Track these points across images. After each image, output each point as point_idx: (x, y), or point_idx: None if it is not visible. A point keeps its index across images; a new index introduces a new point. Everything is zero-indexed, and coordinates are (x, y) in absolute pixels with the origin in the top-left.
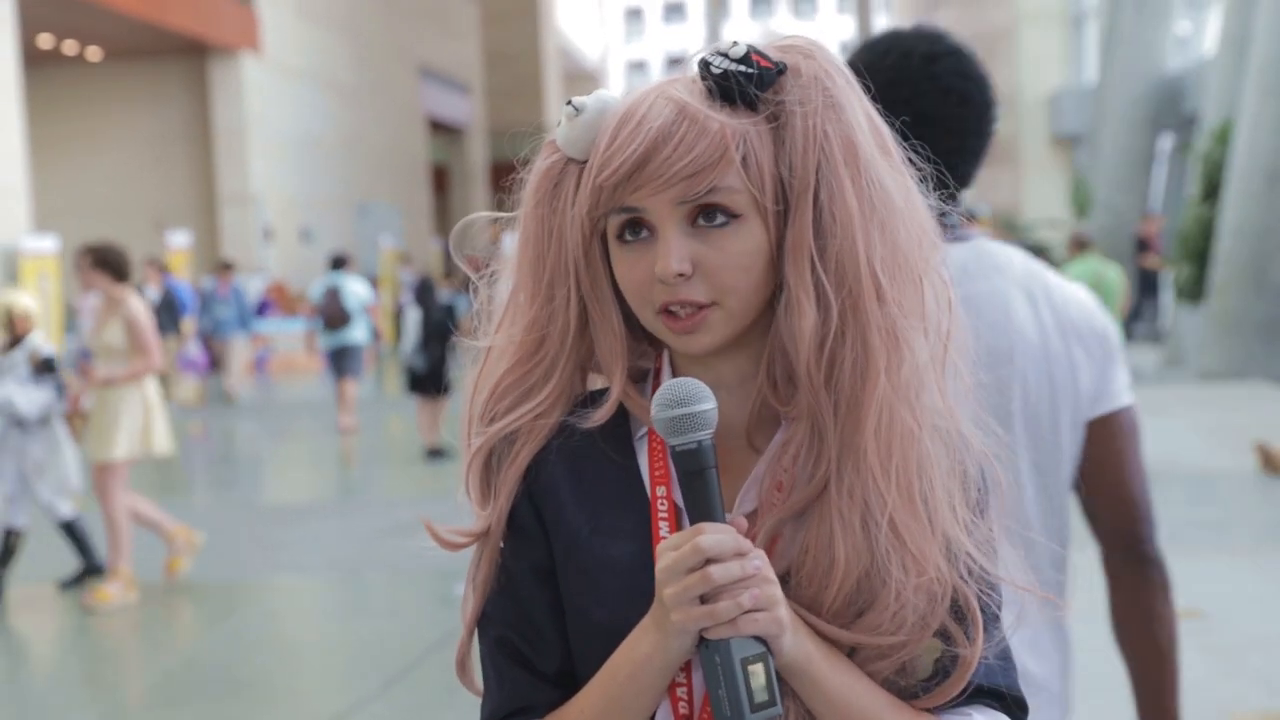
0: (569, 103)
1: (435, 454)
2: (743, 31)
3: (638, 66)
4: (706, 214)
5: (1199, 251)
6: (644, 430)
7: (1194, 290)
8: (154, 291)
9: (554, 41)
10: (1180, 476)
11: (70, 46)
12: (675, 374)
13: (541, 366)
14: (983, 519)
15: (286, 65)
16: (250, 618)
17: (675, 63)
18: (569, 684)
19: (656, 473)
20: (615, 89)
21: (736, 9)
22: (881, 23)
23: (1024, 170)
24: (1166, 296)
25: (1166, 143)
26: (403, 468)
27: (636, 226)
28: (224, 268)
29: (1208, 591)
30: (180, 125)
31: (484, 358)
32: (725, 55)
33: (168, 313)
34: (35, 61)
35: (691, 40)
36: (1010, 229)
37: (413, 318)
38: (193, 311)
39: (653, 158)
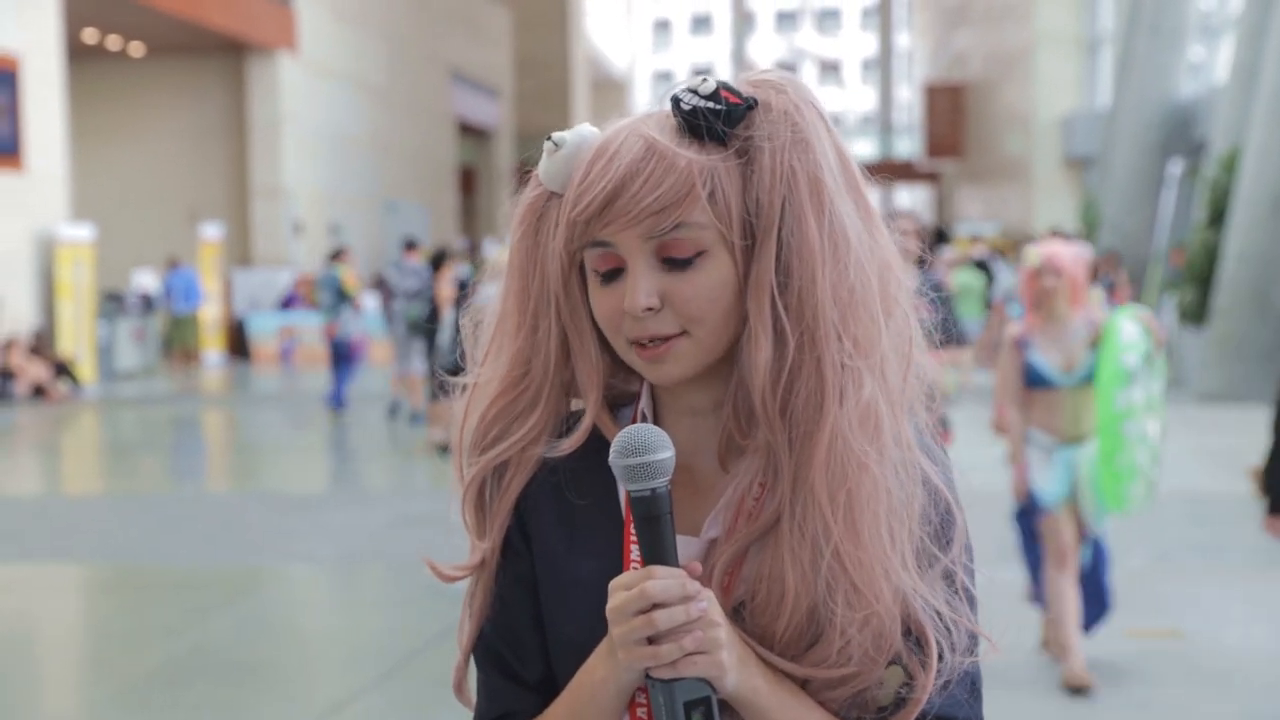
0: (549, 138)
1: (447, 449)
2: (767, 49)
3: (664, 77)
4: (674, 249)
5: (1203, 275)
6: None
7: (1196, 313)
8: None
9: (583, 50)
10: (1175, 497)
11: (114, 41)
12: (654, 399)
13: (528, 395)
14: (943, 553)
15: (322, 65)
16: (256, 605)
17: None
18: (551, 691)
19: None
20: (642, 99)
21: (762, 24)
22: (903, 40)
23: (1035, 189)
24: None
25: (1176, 168)
26: (414, 460)
27: (609, 260)
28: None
29: (1195, 613)
30: (217, 120)
31: (472, 385)
32: (695, 92)
33: None
34: (79, 55)
35: (717, 52)
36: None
37: (449, 318)
38: (195, 302)
39: (621, 194)
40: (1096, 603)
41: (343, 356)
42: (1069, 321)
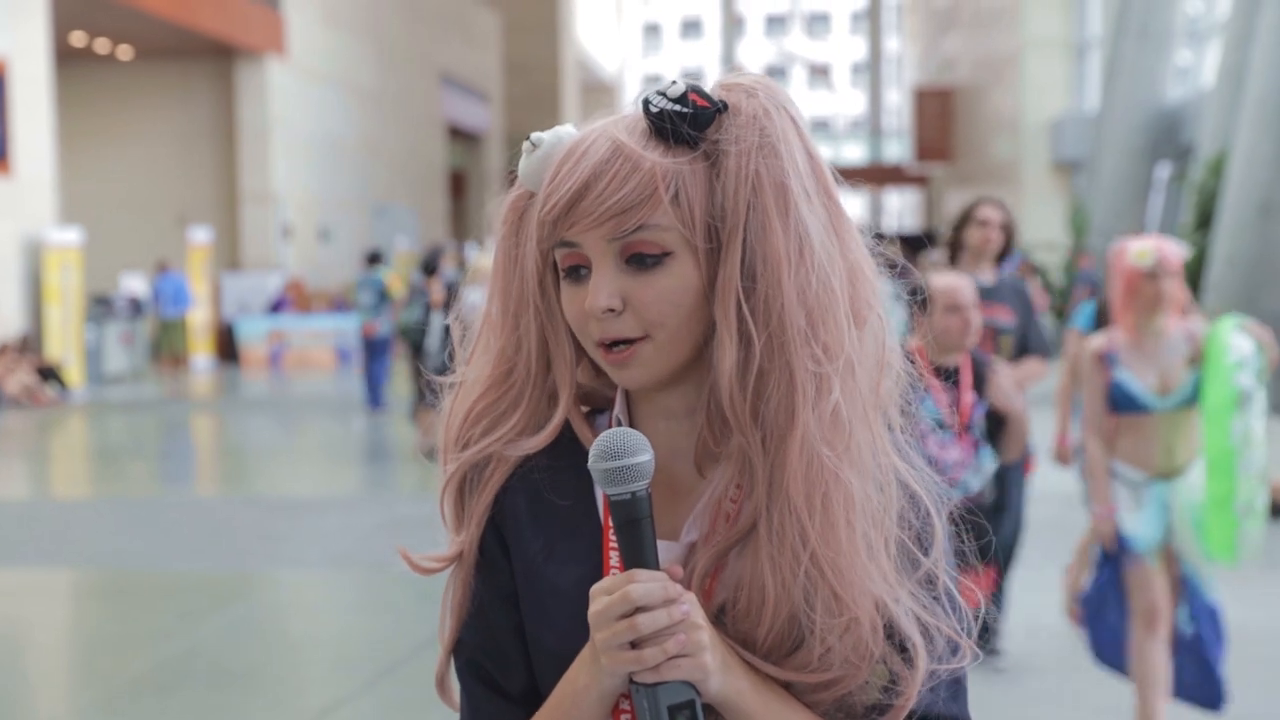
0: (528, 138)
1: (434, 454)
2: (756, 53)
3: (653, 80)
4: (637, 250)
5: (1191, 280)
6: None
7: None
8: None
9: (572, 54)
10: None
11: (102, 45)
12: (629, 402)
13: (511, 393)
14: (925, 557)
15: (311, 69)
16: (245, 610)
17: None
18: (535, 702)
19: None
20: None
21: (751, 28)
22: (893, 45)
23: (1024, 193)
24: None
25: (1164, 171)
26: (405, 465)
27: (577, 261)
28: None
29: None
30: (206, 124)
31: (459, 383)
32: (664, 95)
33: None
34: (67, 58)
35: (707, 56)
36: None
37: (438, 322)
38: (184, 306)
39: (586, 194)
40: (1205, 684)
41: (378, 353)
42: (1167, 334)
